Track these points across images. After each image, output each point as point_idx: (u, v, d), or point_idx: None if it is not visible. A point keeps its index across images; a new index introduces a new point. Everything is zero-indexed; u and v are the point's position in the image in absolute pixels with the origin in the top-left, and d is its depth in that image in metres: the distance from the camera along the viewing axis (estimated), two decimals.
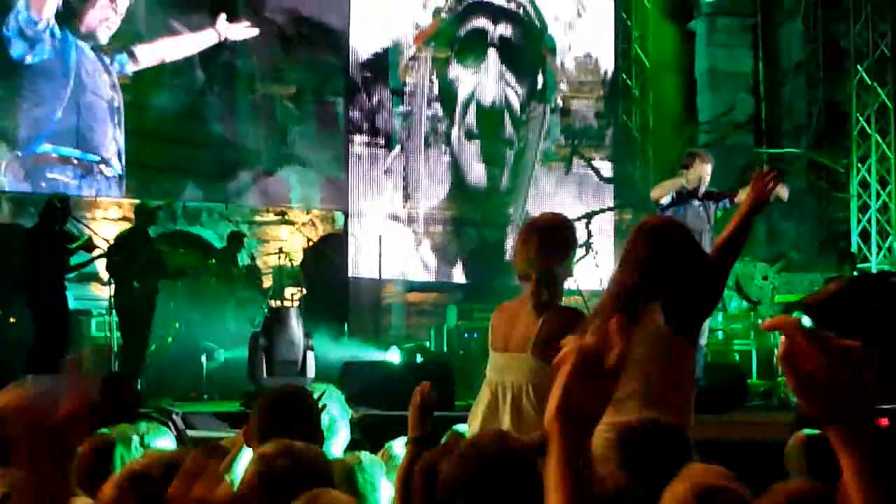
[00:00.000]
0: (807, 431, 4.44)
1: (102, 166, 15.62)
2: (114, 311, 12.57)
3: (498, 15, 18.38)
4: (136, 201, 14.58)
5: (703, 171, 9.82)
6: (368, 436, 7.08)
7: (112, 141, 15.73)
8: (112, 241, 12.52)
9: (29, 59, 15.22)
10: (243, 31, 16.54)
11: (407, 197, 17.55)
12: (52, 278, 11.43)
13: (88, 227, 12.82)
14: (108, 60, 15.82)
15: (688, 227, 4.80)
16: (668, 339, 4.19)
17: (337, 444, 4.62)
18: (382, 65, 17.55)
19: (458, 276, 18.00)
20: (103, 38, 15.81)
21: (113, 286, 12.46)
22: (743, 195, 5.17)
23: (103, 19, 15.80)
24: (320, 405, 4.53)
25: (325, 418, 4.55)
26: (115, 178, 15.77)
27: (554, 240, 4.56)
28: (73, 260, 11.87)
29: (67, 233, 11.90)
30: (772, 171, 4.67)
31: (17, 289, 11.78)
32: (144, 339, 12.55)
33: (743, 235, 4.51)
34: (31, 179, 15.12)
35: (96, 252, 12.16)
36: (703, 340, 9.75)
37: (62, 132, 15.37)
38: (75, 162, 15.42)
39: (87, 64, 15.69)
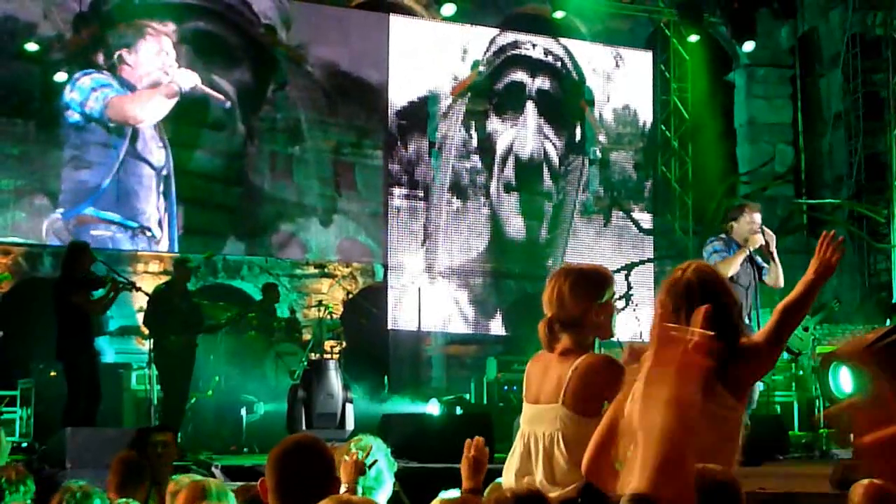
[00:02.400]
0: (869, 480, 4.38)
1: (142, 233, 15.72)
2: (153, 365, 12.55)
3: (536, 68, 18.43)
4: (176, 254, 14.62)
5: (753, 220, 9.61)
6: (408, 488, 7.07)
7: (155, 210, 15.82)
8: (150, 295, 12.45)
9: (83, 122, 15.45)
10: None
11: (446, 249, 17.55)
12: (79, 328, 11.15)
13: (115, 272, 12.55)
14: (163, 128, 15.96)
15: (732, 287, 4.64)
16: (718, 395, 4.08)
17: (382, 496, 4.67)
18: (421, 116, 17.62)
19: (497, 328, 17.97)
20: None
21: (151, 340, 12.46)
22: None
23: (160, 68, 15.97)
24: (370, 460, 4.59)
25: (372, 470, 4.61)
26: (157, 240, 15.87)
27: (571, 283, 4.40)
28: (96, 294, 11.54)
29: (91, 279, 11.73)
30: (835, 238, 4.39)
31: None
32: (184, 392, 12.50)
33: (807, 304, 4.20)
34: (75, 237, 15.20)
35: (121, 290, 11.80)
36: (754, 396, 9.65)
37: (107, 197, 15.46)
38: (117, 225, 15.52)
39: (144, 131, 15.82)
